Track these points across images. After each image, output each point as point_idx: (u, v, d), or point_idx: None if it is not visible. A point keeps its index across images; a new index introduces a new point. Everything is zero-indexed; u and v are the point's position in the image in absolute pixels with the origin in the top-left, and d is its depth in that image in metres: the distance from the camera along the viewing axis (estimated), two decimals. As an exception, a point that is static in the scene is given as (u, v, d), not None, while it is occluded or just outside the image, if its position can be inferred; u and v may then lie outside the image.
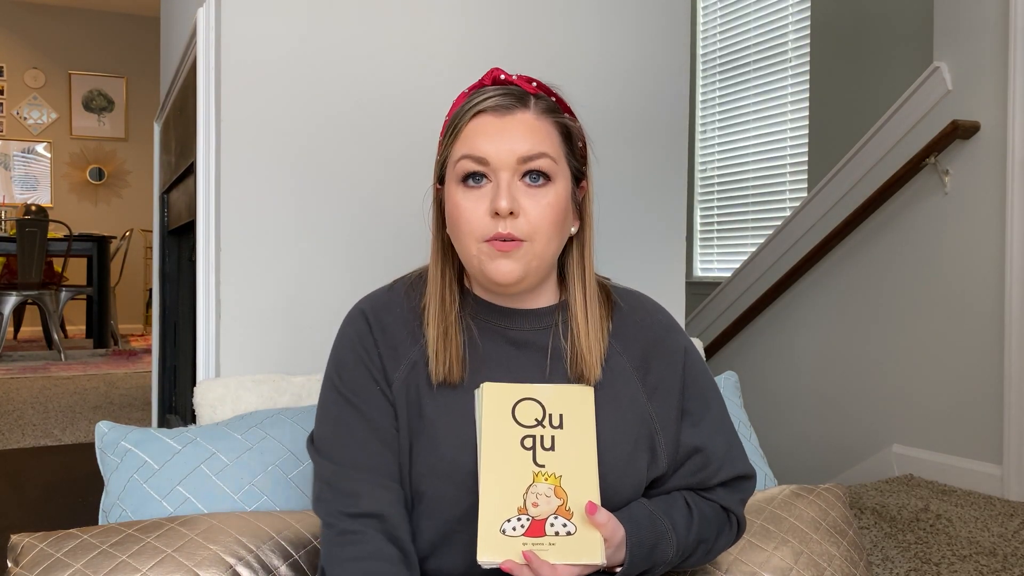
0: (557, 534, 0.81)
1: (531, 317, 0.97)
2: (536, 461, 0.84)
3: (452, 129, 0.93)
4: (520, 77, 0.95)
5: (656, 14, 1.89)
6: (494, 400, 0.86)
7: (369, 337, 0.96)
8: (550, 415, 0.86)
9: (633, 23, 1.87)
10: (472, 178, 0.90)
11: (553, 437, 0.85)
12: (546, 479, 0.83)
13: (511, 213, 0.87)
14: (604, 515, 0.83)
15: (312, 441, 0.97)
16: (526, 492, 0.82)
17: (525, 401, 0.86)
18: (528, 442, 0.84)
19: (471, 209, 0.89)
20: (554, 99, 0.95)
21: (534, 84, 0.95)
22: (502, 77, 0.94)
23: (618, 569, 0.87)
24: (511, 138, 0.89)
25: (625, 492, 0.91)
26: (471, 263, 0.91)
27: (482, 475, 0.83)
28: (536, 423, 0.85)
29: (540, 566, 0.79)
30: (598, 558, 0.82)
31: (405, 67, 1.63)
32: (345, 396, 0.94)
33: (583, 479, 0.84)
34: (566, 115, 0.95)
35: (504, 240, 0.88)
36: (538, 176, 0.90)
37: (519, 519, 0.81)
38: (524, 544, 0.80)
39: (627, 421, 0.93)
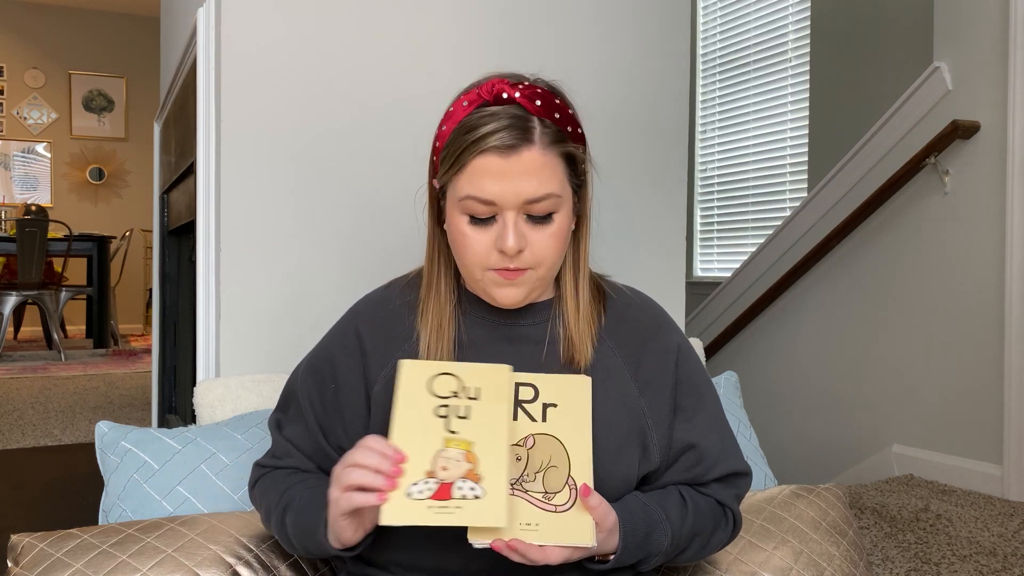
0: (464, 497, 0.81)
1: (526, 313, 0.98)
2: (449, 429, 0.85)
3: (455, 158, 0.89)
4: (523, 92, 0.90)
5: (656, 14, 1.89)
6: (410, 375, 0.88)
7: (354, 340, 0.99)
8: (466, 388, 0.88)
9: (633, 23, 1.87)
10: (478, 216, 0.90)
11: (468, 407, 0.87)
12: (457, 444, 0.84)
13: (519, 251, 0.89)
14: (596, 498, 0.83)
15: (276, 423, 1.04)
16: (435, 456, 0.83)
17: (441, 376, 0.89)
18: (442, 411, 0.86)
19: (478, 241, 0.90)
20: (558, 116, 0.91)
21: (538, 103, 0.90)
22: (504, 96, 0.89)
23: (611, 556, 0.88)
24: (517, 180, 0.88)
25: (615, 485, 0.92)
26: (475, 285, 0.94)
27: (392, 439, 0.84)
28: (452, 395, 0.87)
29: (527, 549, 0.79)
30: (589, 540, 0.82)
31: (406, 67, 1.63)
32: (307, 392, 1.00)
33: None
34: (571, 143, 0.92)
35: (511, 271, 0.90)
36: (544, 214, 0.90)
37: (427, 482, 0.81)
38: (429, 507, 0.80)
39: (617, 416, 0.94)
